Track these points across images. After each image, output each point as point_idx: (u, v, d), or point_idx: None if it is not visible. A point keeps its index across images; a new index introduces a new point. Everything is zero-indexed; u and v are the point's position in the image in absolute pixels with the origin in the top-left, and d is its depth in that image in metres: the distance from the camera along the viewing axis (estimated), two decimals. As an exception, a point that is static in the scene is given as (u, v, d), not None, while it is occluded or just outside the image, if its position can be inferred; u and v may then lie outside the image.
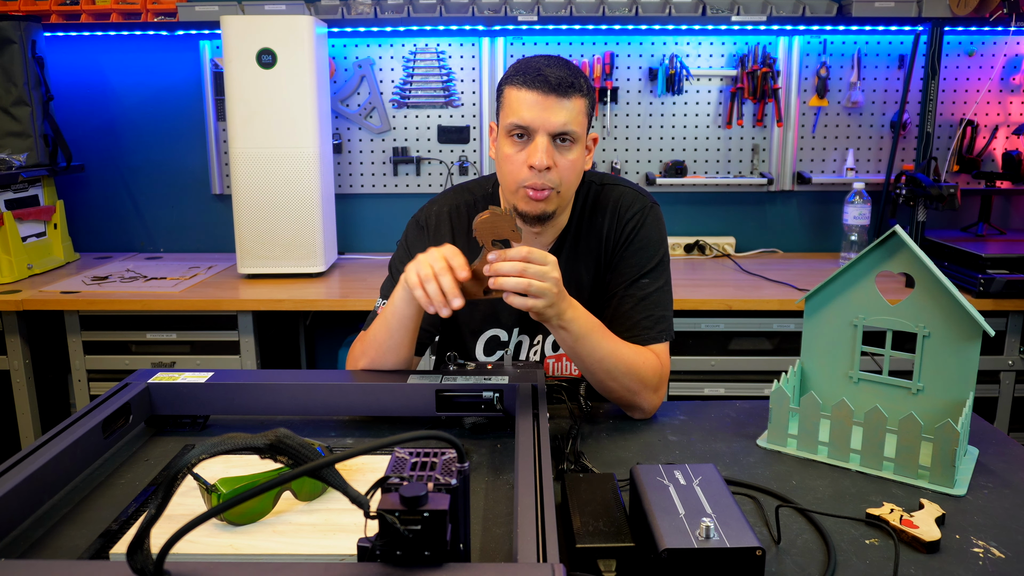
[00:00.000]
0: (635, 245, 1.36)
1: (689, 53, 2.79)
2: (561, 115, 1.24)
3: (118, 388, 1.17)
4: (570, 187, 1.31)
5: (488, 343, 1.44)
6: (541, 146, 1.24)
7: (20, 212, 2.52)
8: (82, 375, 2.38)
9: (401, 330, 1.25)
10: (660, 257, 1.37)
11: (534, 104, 1.24)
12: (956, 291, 1.09)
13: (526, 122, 1.24)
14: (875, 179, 2.81)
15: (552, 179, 1.26)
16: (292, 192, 2.43)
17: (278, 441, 0.66)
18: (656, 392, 1.28)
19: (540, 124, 1.24)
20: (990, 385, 2.34)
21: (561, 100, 1.24)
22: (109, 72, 2.86)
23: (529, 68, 1.26)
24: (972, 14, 2.52)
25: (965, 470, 1.09)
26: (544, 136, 1.24)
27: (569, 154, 1.27)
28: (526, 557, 0.71)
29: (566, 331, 1.19)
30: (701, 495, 0.88)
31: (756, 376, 2.35)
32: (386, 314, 1.26)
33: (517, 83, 1.26)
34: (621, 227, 1.37)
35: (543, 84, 1.23)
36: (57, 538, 0.90)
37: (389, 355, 1.28)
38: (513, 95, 1.26)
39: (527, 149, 1.26)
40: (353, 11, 2.64)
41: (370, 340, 1.30)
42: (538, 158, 1.24)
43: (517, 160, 1.27)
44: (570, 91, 1.25)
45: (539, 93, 1.24)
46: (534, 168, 1.25)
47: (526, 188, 1.27)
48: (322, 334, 3.01)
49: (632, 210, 1.38)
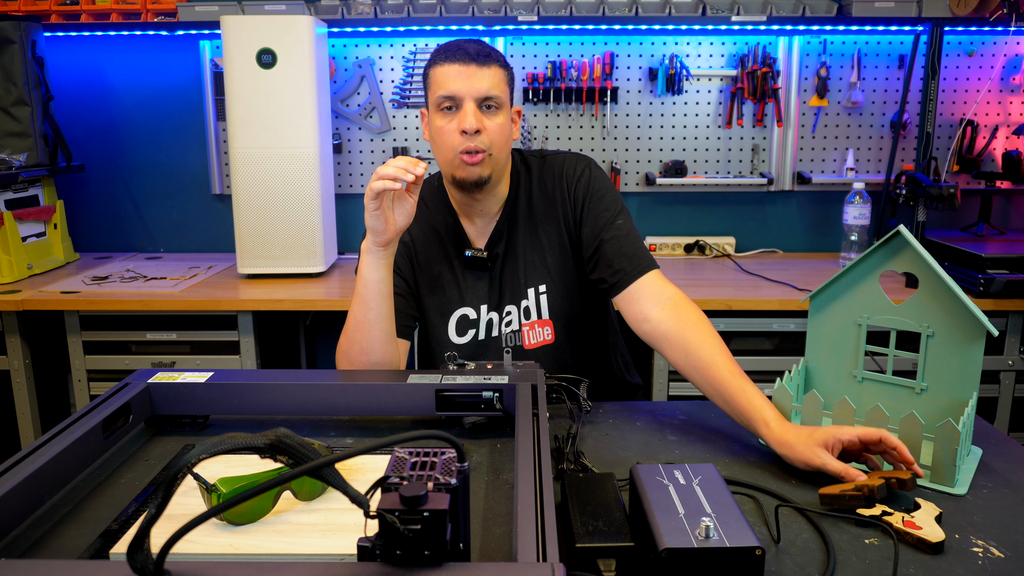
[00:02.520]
0: (594, 197, 1.46)
1: (689, 53, 2.79)
2: (484, 81, 1.35)
3: (118, 388, 1.17)
4: (501, 150, 1.39)
5: (459, 323, 1.50)
6: (469, 110, 1.34)
7: (20, 212, 2.52)
8: (82, 375, 2.38)
9: (378, 299, 1.31)
10: (620, 203, 1.47)
11: (458, 75, 1.34)
12: (960, 291, 1.09)
13: (452, 91, 1.34)
14: (875, 179, 2.81)
15: (483, 141, 1.35)
16: (292, 192, 2.43)
17: (278, 441, 0.66)
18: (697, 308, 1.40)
19: (466, 91, 1.34)
20: (990, 385, 2.34)
21: (482, 68, 1.35)
22: (109, 72, 2.86)
23: (449, 47, 1.37)
24: (972, 14, 2.52)
25: (967, 470, 1.09)
26: (471, 101, 1.34)
27: (496, 118, 1.37)
28: (526, 557, 0.71)
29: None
30: (701, 495, 0.88)
31: (756, 376, 2.31)
32: (358, 289, 1.32)
33: (440, 61, 1.37)
34: (573, 186, 1.47)
35: (463, 55, 1.35)
36: (57, 538, 0.90)
37: (375, 330, 1.31)
38: (438, 72, 1.36)
39: (457, 117, 1.35)
40: (353, 11, 2.64)
41: (352, 324, 1.33)
42: (469, 121, 1.33)
43: (448, 129, 1.36)
44: (488, 60, 1.36)
45: (461, 64, 1.35)
46: (466, 133, 1.34)
47: (461, 155, 1.35)
48: (322, 334, 3.01)
49: (578, 169, 1.48)
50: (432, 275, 1.49)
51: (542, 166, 1.50)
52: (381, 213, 1.26)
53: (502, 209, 1.49)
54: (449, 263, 1.49)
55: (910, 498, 0.99)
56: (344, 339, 1.36)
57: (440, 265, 1.49)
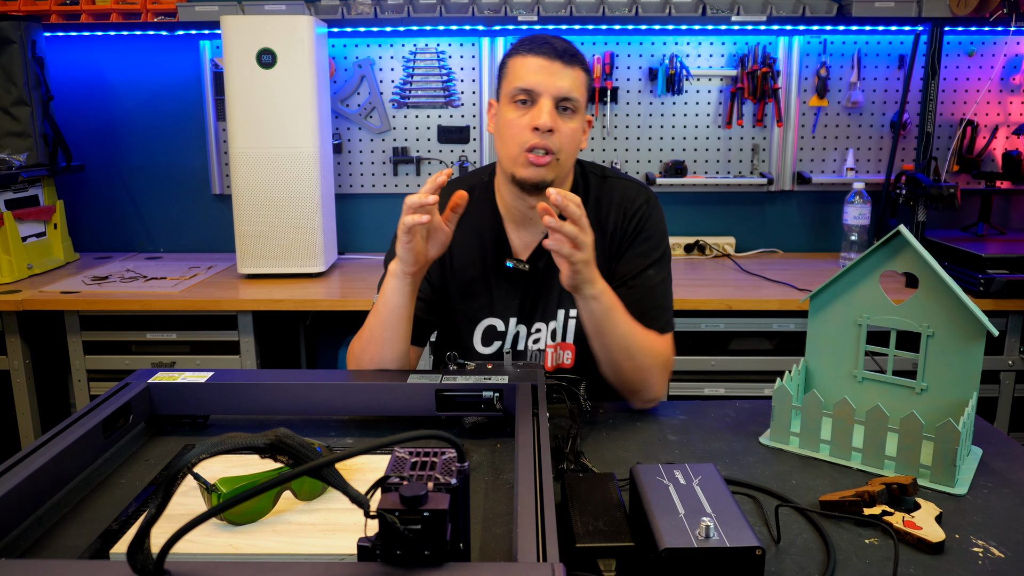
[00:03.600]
0: (641, 236, 1.38)
1: (689, 53, 2.79)
2: (566, 80, 1.27)
3: (118, 388, 1.17)
4: (568, 156, 1.32)
5: (485, 332, 1.44)
6: (546, 108, 1.26)
7: (20, 212, 2.52)
8: (82, 375, 2.38)
9: (396, 321, 1.26)
10: (664, 250, 1.40)
11: (540, 69, 1.27)
12: (960, 291, 1.09)
13: (531, 85, 1.27)
14: (875, 179, 2.81)
15: (554, 142, 1.27)
16: (292, 192, 2.43)
17: (278, 441, 0.66)
18: (665, 374, 1.30)
19: (545, 88, 1.27)
20: (990, 385, 2.34)
21: (566, 67, 1.27)
22: (109, 72, 2.86)
23: (535, 38, 1.30)
24: (972, 14, 2.52)
25: (968, 470, 1.09)
26: (549, 99, 1.27)
27: (571, 122, 1.30)
28: (526, 557, 0.71)
29: (596, 301, 1.21)
30: (701, 495, 0.88)
31: (756, 376, 2.35)
32: (379, 307, 1.28)
33: (523, 51, 1.29)
34: (628, 219, 1.39)
35: (549, 50, 1.27)
36: (57, 538, 0.90)
37: (387, 348, 1.28)
38: (518, 62, 1.29)
39: (531, 112, 1.28)
40: (353, 11, 2.64)
41: (367, 336, 1.31)
42: (543, 118, 1.25)
43: (520, 124, 1.28)
44: (574, 61, 1.29)
45: (545, 58, 1.27)
46: (538, 129, 1.26)
47: (527, 153, 1.28)
48: (322, 334, 3.01)
49: (637, 202, 1.40)
50: (464, 280, 1.42)
51: (601, 186, 1.42)
52: (413, 246, 1.20)
53: None
54: (485, 270, 1.42)
55: (910, 498, 0.99)
56: (358, 345, 1.33)
57: (475, 270, 1.42)
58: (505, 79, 1.32)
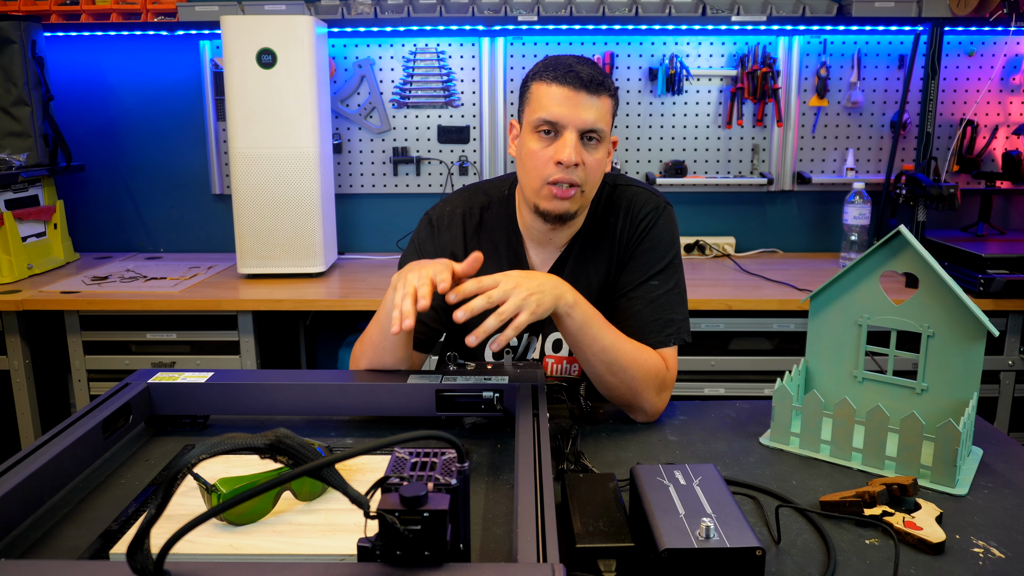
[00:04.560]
0: (645, 244, 1.35)
1: (689, 53, 2.79)
2: (591, 112, 1.23)
3: (118, 388, 1.17)
4: (592, 187, 1.30)
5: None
6: (570, 142, 1.23)
7: (20, 212, 2.52)
8: (82, 375, 2.38)
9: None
10: (671, 259, 1.35)
11: (564, 100, 1.22)
12: (960, 291, 1.09)
13: (555, 117, 1.23)
14: (875, 179, 2.81)
15: (579, 176, 1.25)
16: (292, 192, 2.43)
17: (278, 441, 0.66)
18: (659, 394, 1.27)
19: (570, 120, 1.23)
20: (990, 385, 2.34)
21: (591, 97, 1.23)
22: (109, 72, 2.86)
23: (559, 64, 1.25)
24: (972, 14, 2.52)
25: (968, 470, 1.09)
26: (573, 132, 1.23)
27: (595, 153, 1.26)
28: (526, 557, 0.71)
29: (569, 318, 1.18)
30: (701, 495, 0.88)
31: (756, 376, 2.35)
32: (380, 316, 1.26)
33: (547, 78, 1.24)
34: (634, 226, 1.36)
35: (574, 80, 1.22)
36: (57, 538, 0.90)
37: (386, 355, 1.27)
38: (542, 90, 1.25)
39: (555, 145, 1.24)
40: (353, 11, 2.64)
41: (367, 342, 1.30)
42: (567, 153, 1.22)
43: (543, 156, 1.25)
44: (599, 89, 1.24)
45: (570, 89, 1.22)
46: (562, 164, 1.23)
47: (551, 185, 1.25)
48: (322, 334, 3.01)
49: (645, 210, 1.36)
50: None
51: (611, 194, 1.39)
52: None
53: (570, 240, 1.38)
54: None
55: (911, 499, 0.99)
56: (359, 348, 1.32)
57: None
58: (528, 105, 1.28)
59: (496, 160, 2.86)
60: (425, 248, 1.41)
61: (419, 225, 1.45)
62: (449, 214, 1.42)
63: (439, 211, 1.43)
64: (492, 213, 1.41)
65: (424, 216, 1.45)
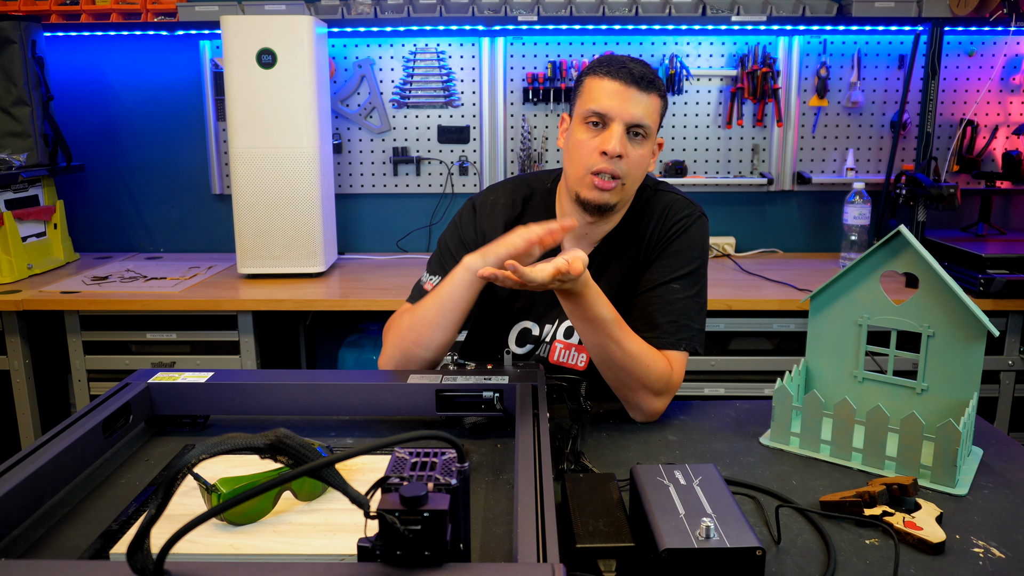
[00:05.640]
0: (673, 248, 1.37)
1: (689, 53, 2.79)
2: (639, 107, 1.27)
3: (118, 388, 1.17)
4: (634, 182, 1.32)
5: (520, 334, 1.45)
6: (616, 133, 1.26)
7: (20, 212, 2.52)
8: (82, 375, 2.38)
9: (455, 311, 1.27)
10: (696, 266, 1.37)
11: (614, 93, 1.26)
12: (961, 291, 1.09)
13: (604, 109, 1.27)
14: (875, 179, 2.81)
15: (622, 168, 1.28)
16: (292, 192, 2.43)
17: (278, 441, 0.66)
18: (658, 396, 1.26)
19: (618, 113, 1.26)
20: (990, 385, 2.34)
21: (641, 93, 1.27)
22: (109, 72, 2.86)
23: (614, 60, 1.29)
24: (972, 14, 2.52)
25: (968, 470, 1.09)
26: (620, 124, 1.26)
27: (640, 148, 1.29)
28: (526, 557, 0.71)
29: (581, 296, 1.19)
30: (701, 495, 0.88)
31: (756, 376, 2.35)
32: (441, 293, 1.28)
33: (600, 72, 1.28)
34: (665, 230, 1.38)
35: (626, 75, 1.26)
36: (57, 538, 0.90)
37: (437, 333, 1.28)
38: (594, 83, 1.29)
39: (601, 135, 1.28)
40: (353, 11, 2.64)
41: (419, 316, 1.30)
42: (612, 144, 1.25)
43: (590, 146, 1.28)
44: (650, 87, 1.28)
45: (621, 83, 1.26)
46: (607, 154, 1.26)
47: (594, 175, 1.28)
48: (322, 334, 3.01)
49: (680, 215, 1.39)
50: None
51: (650, 197, 1.41)
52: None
53: (604, 236, 1.40)
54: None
55: (911, 499, 0.99)
56: (408, 319, 1.32)
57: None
58: (580, 98, 1.31)
59: (496, 160, 2.86)
60: (466, 232, 1.44)
61: (462, 208, 1.47)
62: (492, 203, 1.45)
63: (483, 198, 1.46)
64: (534, 205, 1.44)
65: (468, 201, 1.48)
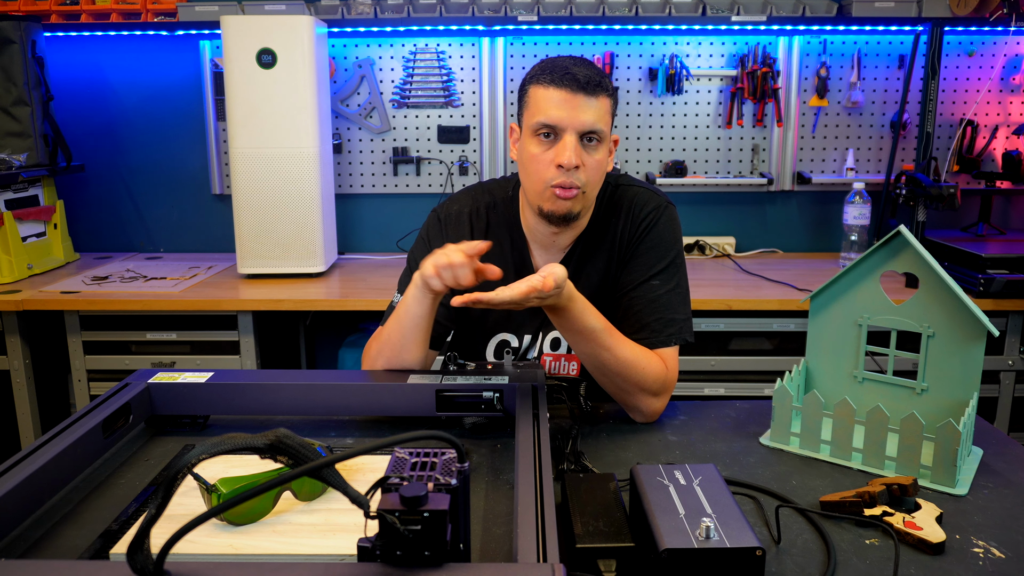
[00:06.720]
0: (647, 243, 1.34)
1: (689, 53, 2.79)
2: (589, 114, 1.23)
3: (118, 388, 1.17)
4: (595, 187, 1.30)
5: (498, 347, 1.44)
6: (570, 145, 1.23)
7: (20, 212, 2.52)
8: (82, 375, 2.38)
9: (414, 329, 1.25)
10: (672, 258, 1.35)
11: (562, 102, 1.22)
12: (961, 291, 1.09)
13: (554, 120, 1.23)
14: (875, 179, 2.81)
15: (580, 178, 1.25)
16: (292, 192, 2.43)
17: (278, 441, 0.66)
18: (656, 396, 1.26)
19: (568, 123, 1.23)
20: (990, 385, 2.34)
21: (589, 98, 1.23)
22: (109, 72, 2.86)
23: (556, 67, 1.24)
24: (972, 14, 2.52)
25: (968, 470, 1.09)
26: (572, 135, 1.23)
27: (596, 154, 1.26)
28: (526, 557, 0.71)
29: (567, 310, 1.19)
30: (701, 495, 0.88)
31: (756, 376, 2.35)
32: (399, 313, 1.27)
33: (544, 82, 1.24)
34: (635, 226, 1.35)
35: (571, 82, 1.22)
36: (57, 538, 0.90)
37: (404, 353, 1.28)
38: (540, 94, 1.25)
39: (555, 148, 1.24)
40: (353, 11, 2.64)
41: (384, 340, 1.30)
42: (567, 157, 1.22)
43: (544, 159, 1.25)
44: (597, 90, 1.24)
45: (567, 91, 1.22)
46: (563, 167, 1.23)
47: (553, 188, 1.25)
48: (322, 334, 3.01)
49: (647, 209, 1.36)
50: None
51: (613, 194, 1.38)
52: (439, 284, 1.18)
53: (573, 241, 1.38)
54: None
55: (911, 499, 0.99)
56: (375, 346, 1.32)
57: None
58: (527, 109, 1.28)
59: (496, 160, 2.86)
60: (434, 243, 1.41)
61: (427, 221, 1.45)
62: (456, 213, 1.42)
63: (446, 208, 1.44)
64: (497, 214, 1.41)
65: (432, 212, 1.46)
